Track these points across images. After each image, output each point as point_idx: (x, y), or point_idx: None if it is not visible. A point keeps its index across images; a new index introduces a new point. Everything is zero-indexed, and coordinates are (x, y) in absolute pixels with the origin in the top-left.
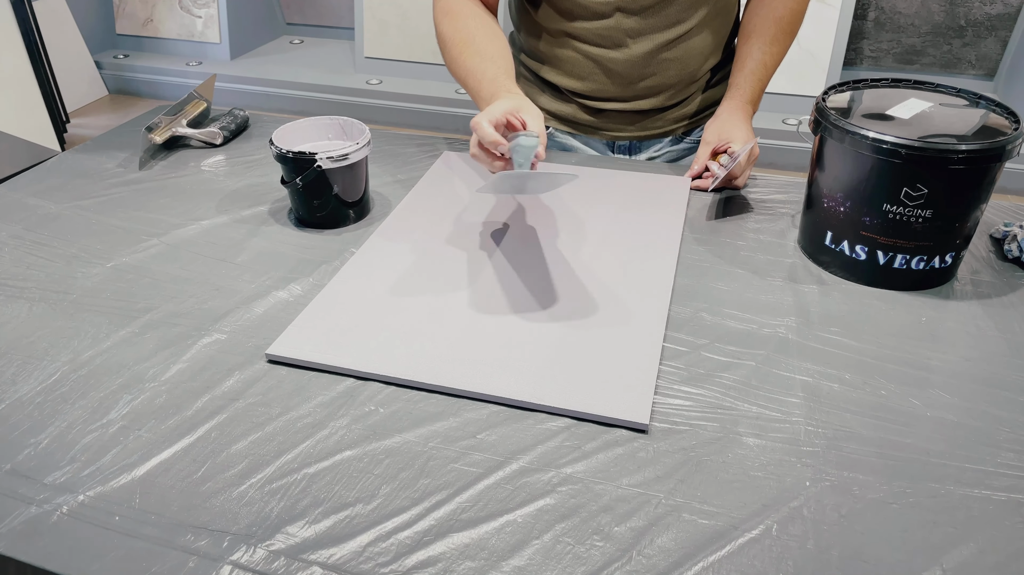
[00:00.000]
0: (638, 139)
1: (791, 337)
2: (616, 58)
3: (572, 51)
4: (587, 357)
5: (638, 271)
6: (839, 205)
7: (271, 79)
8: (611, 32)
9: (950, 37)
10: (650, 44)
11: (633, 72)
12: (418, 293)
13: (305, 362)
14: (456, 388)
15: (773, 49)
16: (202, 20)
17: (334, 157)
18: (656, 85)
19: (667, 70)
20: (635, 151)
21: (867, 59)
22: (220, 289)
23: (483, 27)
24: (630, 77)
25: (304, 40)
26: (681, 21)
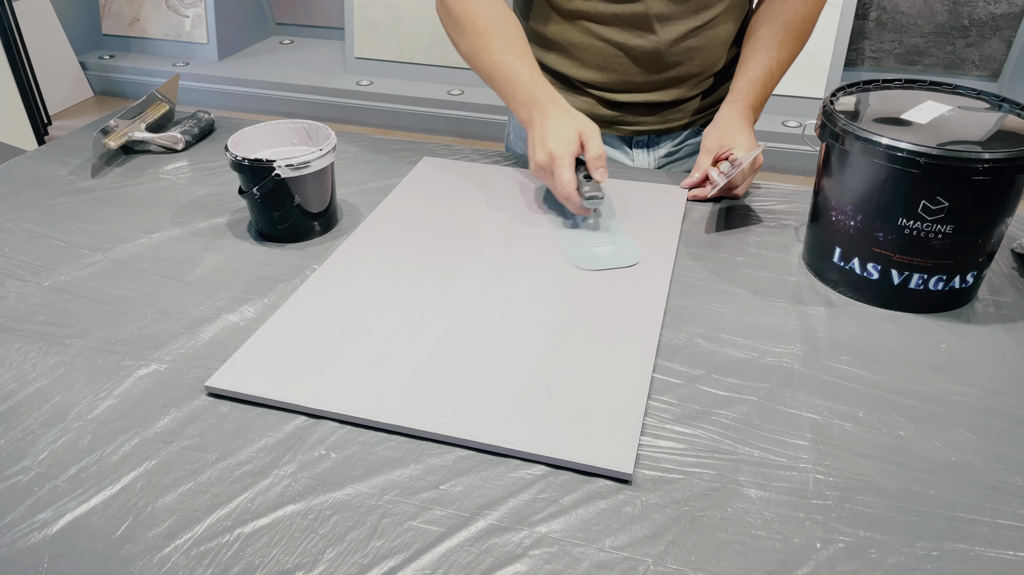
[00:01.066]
0: (657, 132)
1: (797, 367)
2: (643, 45)
3: (592, 37)
4: (566, 394)
5: (626, 292)
6: (849, 219)
7: (259, 80)
8: (639, 17)
9: (953, 37)
10: (679, 30)
11: (659, 61)
12: (381, 319)
13: (250, 397)
14: (419, 429)
15: (780, 55)
16: (190, 20)
17: (294, 165)
18: (680, 75)
19: (692, 59)
20: (654, 145)
21: (868, 59)
22: (165, 311)
23: (501, 14)
24: (655, 66)
25: (294, 40)
26: (710, 6)
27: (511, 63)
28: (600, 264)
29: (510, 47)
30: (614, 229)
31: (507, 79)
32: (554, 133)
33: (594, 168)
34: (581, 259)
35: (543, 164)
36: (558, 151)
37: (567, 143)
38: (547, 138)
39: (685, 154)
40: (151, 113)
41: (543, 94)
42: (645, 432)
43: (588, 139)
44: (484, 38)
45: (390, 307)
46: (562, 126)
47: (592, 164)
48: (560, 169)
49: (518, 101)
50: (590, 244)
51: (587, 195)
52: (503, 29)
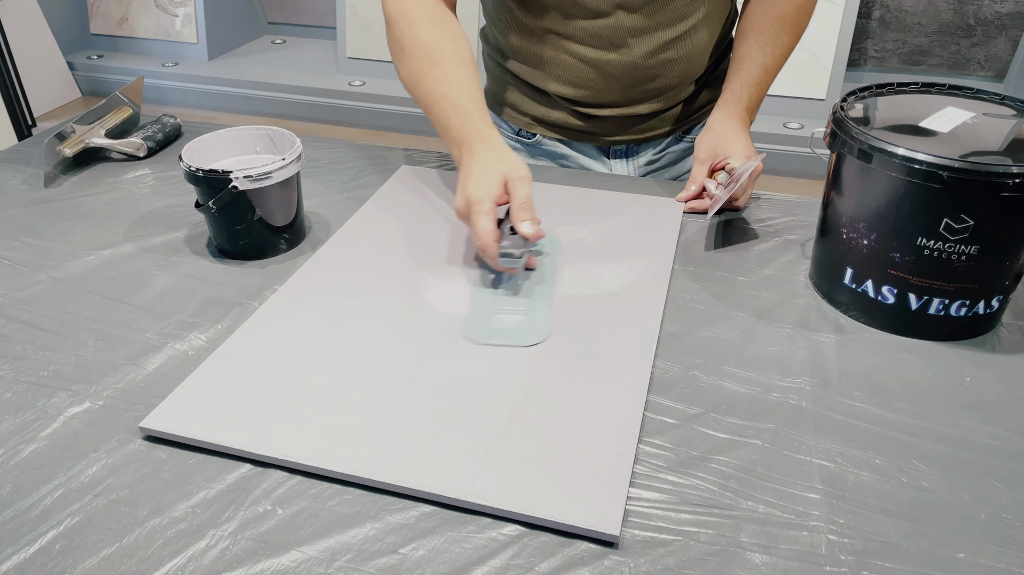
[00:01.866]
0: (636, 142)
1: (805, 404)
2: (615, 60)
3: (564, 54)
4: (545, 441)
5: (615, 319)
6: (862, 237)
7: (250, 80)
8: (610, 32)
9: (958, 37)
10: (654, 43)
11: (634, 75)
12: (340, 353)
13: (190, 440)
14: (377, 481)
15: (775, 50)
16: (179, 19)
17: (253, 176)
18: (658, 87)
19: (670, 71)
20: (632, 154)
21: (871, 59)
22: (107, 339)
23: (449, 39)
24: (630, 80)
25: (286, 40)
26: (687, 16)
27: (447, 94)
28: (492, 338)
29: (450, 76)
30: (537, 296)
31: (441, 112)
32: (477, 176)
33: (517, 219)
34: (473, 327)
35: (461, 210)
36: (476, 195)
37: (488, 186)
38: (468, 181)
39: (668, 162)
40: (112, 117)
41: (475, 132)
42: (635, 482)
43: (514, 185)
44: (423, 64)
45: (351, 339)
46: (486, 168)
47: (515, 215)
48: (476, 216)
49: (450, 138)
50: (498, 309)
51: (502, 251)
52: (446, 55)
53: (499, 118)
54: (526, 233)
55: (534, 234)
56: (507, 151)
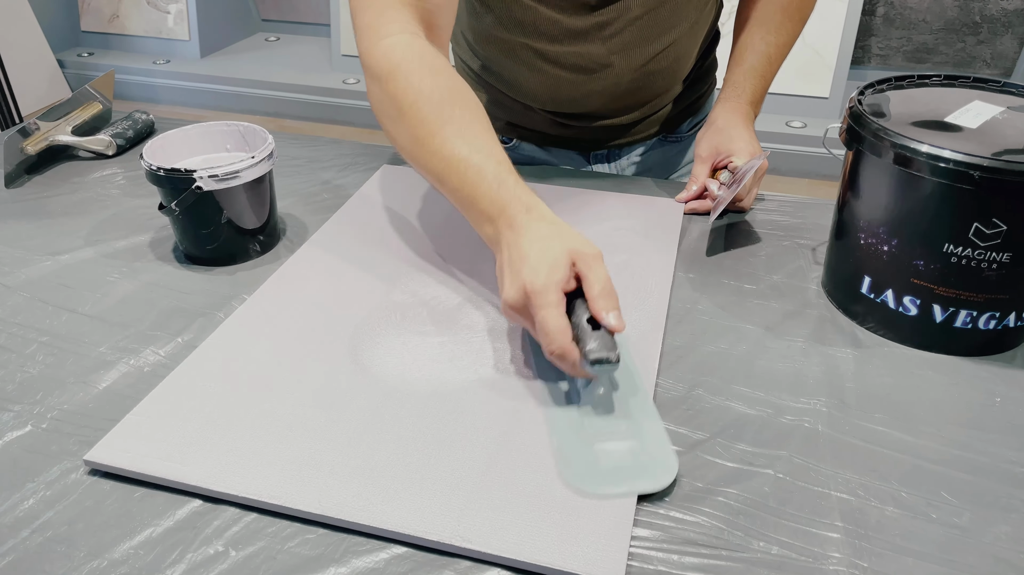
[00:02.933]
0: (618, 147)
1: (822, 428)
2: (599, 79)
3: (543, 75)
4: (534, 475)
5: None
6: (882, 243)
7: (242, 78)
8: (593, 52)
9: (964, 34)
10: (639, 59)
11: (617, 91)
12: (310, 375)
13: (139, 475)
14: (343, 519)
15: (778, 39)
16: (171, 16)
17: (219, 176)
18: (642, 99)
19: (655, 82)
20: (615, 158)
21: (875, 57)
22: (56, 353)
23: (458, 92)
24: (613, 95)
25: (280, 37)
26: (674, 26)
27: (467, 159)
28: (608, 487)
29: (468, 136)
30: (637, 412)
31: (463, 181)
32: (533, 257)
33: (601, 310)
34: (576, 474)
35: (515, 304)
36: (538, 283)
37: (552, 270)
38: (522, 265)
39: (652, 162)
40: (81, 113)
41: (516, 201)
42: (635, 522)
43: (588, 265)
44: (433, 124)
45: (323, 360)
46: (546, 247)
47: (596, 303)
48: (544, 311)
49: (479, 212)
50: (595, 437)
51: (593, 355)
52: (457, 110)
53: None
54: (616, 327)
55: (622, 327)
56: (563, 224)
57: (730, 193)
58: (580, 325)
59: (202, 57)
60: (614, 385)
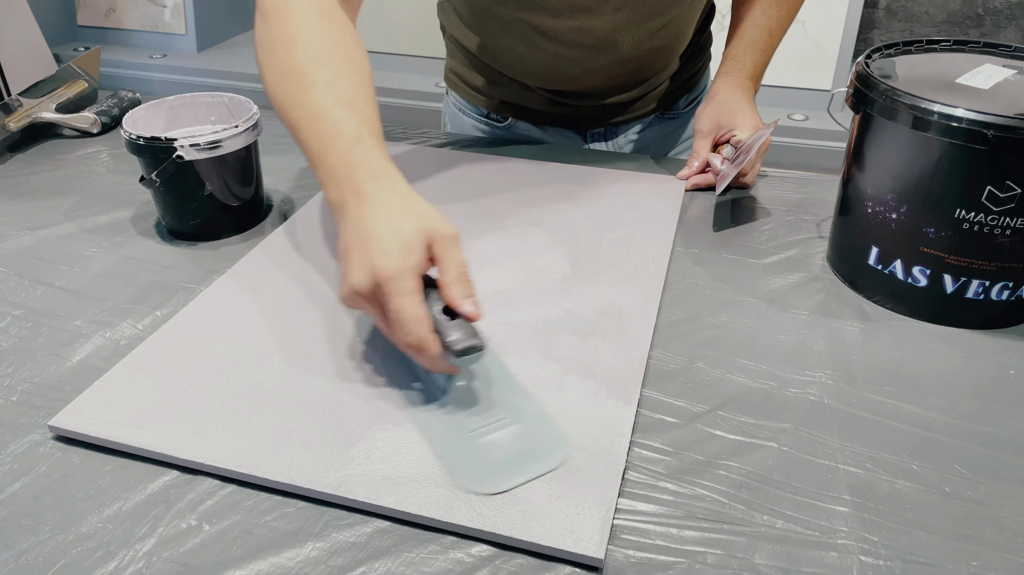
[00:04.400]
0: (615, 125)
1: (827, 401)
2: (600, 56)
3: (542, 52)
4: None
5: (603, 302)
6: (890, 211)
7: (239, 72)
8: (597, 28)
9: (967, 27)
10: (640, 35)
11: (617, 68)
12: (285, 346)
13: (106, 442)
14: (322, 492)
15: (779, 12)
16: (168, 10)
17: (201, 144)
18: (641, 76)
19: (654, 59)
20: (611, 136)
21: None
22: (29, 325)
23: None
24: (613, 73)
25: None
26: (679, 2)
27: (328, 110)
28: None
29: (337, 86)
30: (506, 395)
31: (316, 133)
32: (384, 237)
33: (456, 296)
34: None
35: (363, 290)
36: (392, 268)
37: (406, 254)
38: (370, 246)
39: (653, 139)
40: (65, 91)
41: (366, 165)
42: (628, 492)
43: (444, 247)
44: (302, 65)
45: (300, 329)
46: (397, 224)
47: (450, 290)
48: (399, 299)
49: (326, 169)
50: (475, 433)
51: (459, 346)
52: (337, 59)
53: (463, 100)
54: (471, 314)
55: (478, 314)
56: (417, 197)
57: (736, 166)
58: (434, 316)
59: (199, 51)
60: (472, 375)
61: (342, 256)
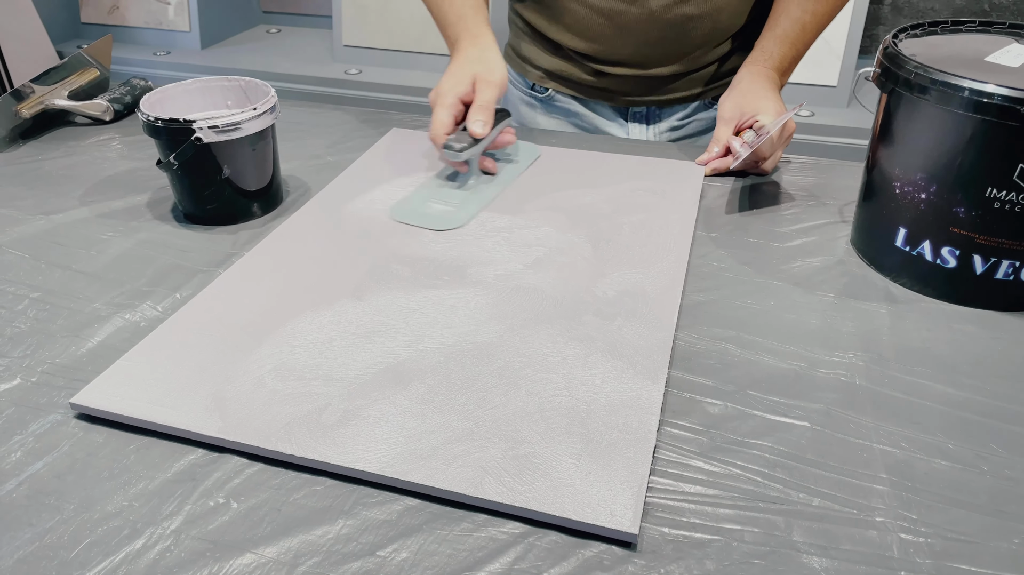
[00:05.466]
0: (657, 105)
1: (859, 382)
2: (629, 12)
3: (576, 3)
4: (548, 425)
5: (626, 284)
6: (919, 191)
7: (243, 69)
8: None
9: None
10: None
11: (650, 30)
12: (310, 324)
13: (128, 419)
14: (352, 468)
15: (816, 7)
16: (172, 7)
17: (219, 127)
18: (679, 49)
19: (692, 29)
20: (654, 119)
21: None
22: (48, 308)
23: None
24: (645, 36)
25: (282, 29)
26: None
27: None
28: (412, 219)
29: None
30: (476, 192)
31: (439, 13)
32: (451, 71)
33: (470, 119)
34: (399, 208)
35: (431, 100)
36: (442, 89)
37: (456, 82)
38: (446, 76)
39: (695, 130)
40: (77, 79)
41: (466, 31)
42: (661, 470)
43: (481, 86)
44: None
45: (324, 309)
46: (462, 65)
47: (470, 114)
48: (437, 109)
49: (446, 37)
50: (431, 197)
51: (452, 145)
52: None
53: (514, 72)
54: (474, 132)
55: (481, 134)
56: (489, 52)
57: (751, 147)
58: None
59: (203, 48)
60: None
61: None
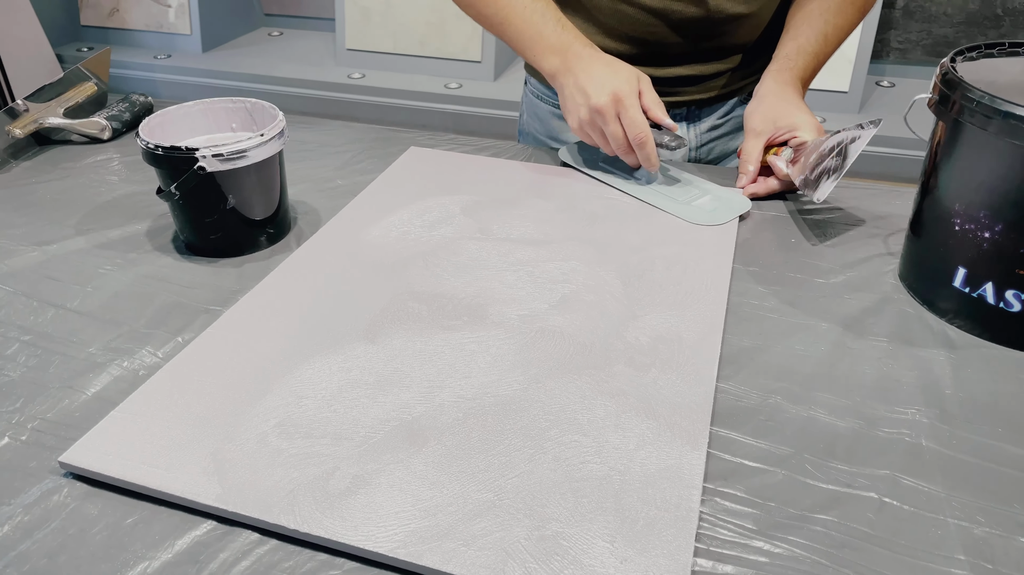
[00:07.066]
0: (697, 103)
1: (926, 443)
2: (686, 12)
3: (620, 2)
4: (577, 499)
5: (660, 330)
6: (982, 229)
7: (245, 73)
8: None
9: (985, 27)
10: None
11: (704, 32)
12: (319, 371)
13: (123, 483)
14: (361, 549)
15: (837, 20)
16: (173, 10)
17: (224, 155)
18: (724, 45)
19: (741, 27)
20: (694, 119)
21: (894, 51)
22: (40, 354)
23: None
24: (697, 38)
25: (284, 32)
26: None
27: (530, 4)
28: (715, 218)
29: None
30: (688, 181)
31: (525, 23)
32: (609, 73)
33: (660, 114)
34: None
35: (603, 107)
36: (623, 89)
37: (628, 81)
38: (602, 79)
39: (732, 128)
40: (73, 94)
41: (577, 40)
42: (708, 552)
43: (645, 84)
44: None
45: (334, 354)
46: (615, 68)
47: (657, 111)
48: (632, 110)
49: (544, 46)
50: (686, 199)
51: (669, 143)
52: None
53: (541, 86)
54: (672, 125)
55: (676, 125)
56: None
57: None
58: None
59: (204, 52)
60: (665, 170)
61: (571, 97)
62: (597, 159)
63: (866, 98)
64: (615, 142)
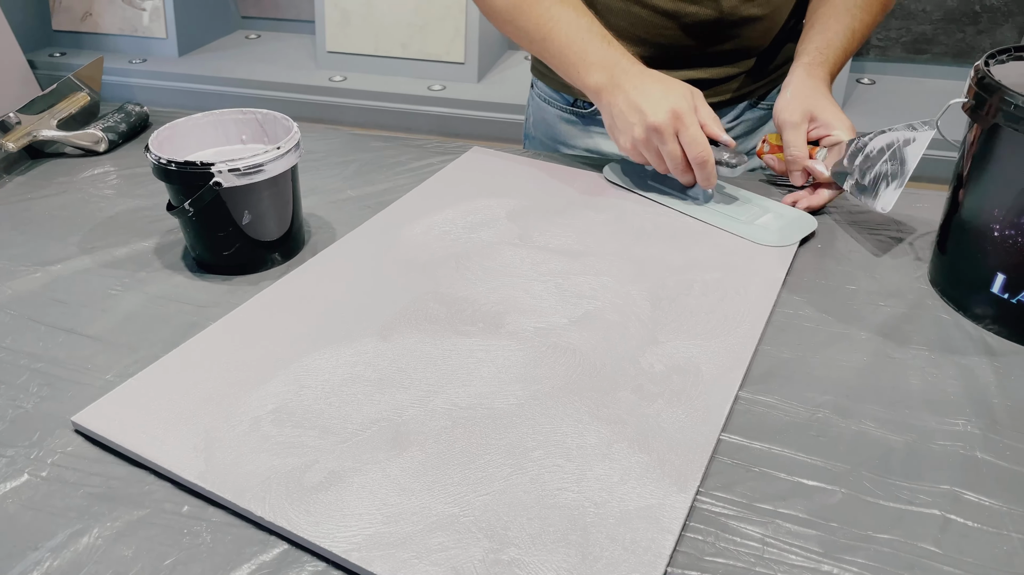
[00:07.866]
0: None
1: (980, 455)
2: (699, 14)
3: (632, 3)
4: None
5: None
6: (1022, 234)
7: (223, 77)
8: None
9: (963, 24)
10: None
11: (715, 34)
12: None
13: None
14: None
15: (864, 16)
16: (147, 14)
17: (241, 169)
18: (735, 48)
19: (753, 30)
20: None
21: (874, 48)
22: (54, 383)
23: None
24: (709, 40)
25: (261, 35)
26: None
27: (576, 20)
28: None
29: (567, 3)
30: (746, 199)
31: (569, 39)
32: (664, 90)
33: (719, 131)
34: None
35: (661, 126)
36: (682, 106)
37: (684, 98)
38: (658, 96)
39: (743, 131)
40: (66, 105)
41: (624, 56)
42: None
43: (700, 100)
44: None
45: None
46: (669, 82)
47: (714, 127)
48: (692, 128)
49: (590, 63)
50: (749, 219)
51: (729, 160)
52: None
53: (550, 89)
54: (730, 142)
55: (734, 143)
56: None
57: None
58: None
59: (180, 56)
60: (721, 188)
61: (622, 116)
62: (646, 178)
63: (848, 96)
64: (672, 161)
